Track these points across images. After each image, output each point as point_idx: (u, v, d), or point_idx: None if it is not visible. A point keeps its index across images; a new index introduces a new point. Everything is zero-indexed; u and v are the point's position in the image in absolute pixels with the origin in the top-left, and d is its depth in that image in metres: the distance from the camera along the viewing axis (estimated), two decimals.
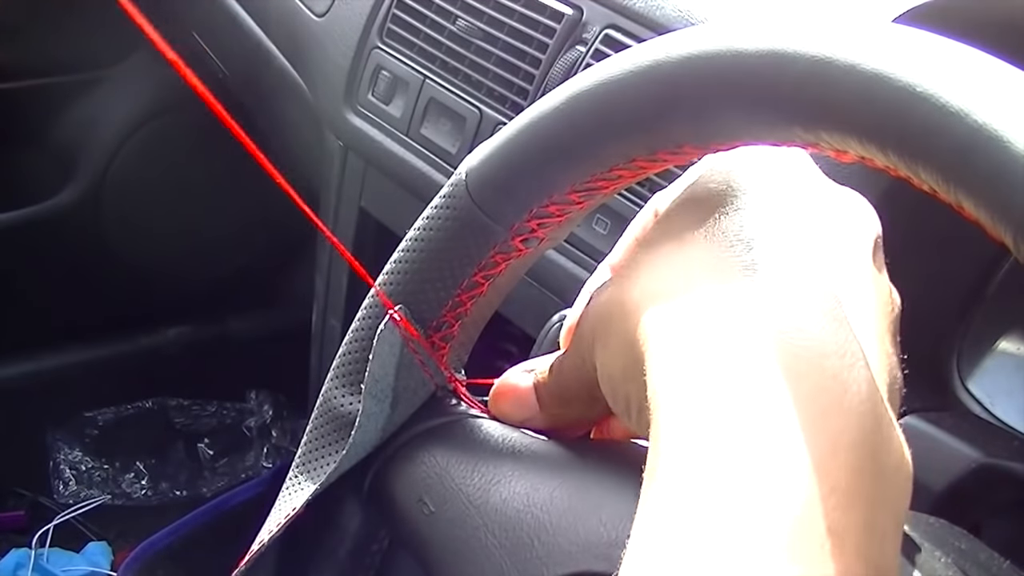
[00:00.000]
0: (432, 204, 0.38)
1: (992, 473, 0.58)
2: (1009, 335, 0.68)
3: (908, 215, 0.64)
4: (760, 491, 0.25)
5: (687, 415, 0.27)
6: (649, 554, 0.25)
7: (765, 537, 0.24)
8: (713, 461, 0.26)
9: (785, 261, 0.30)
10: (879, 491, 0.27)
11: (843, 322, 0.29)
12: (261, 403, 1.64)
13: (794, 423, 0.26)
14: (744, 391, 0.27)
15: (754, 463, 0.26)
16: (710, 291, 0.30)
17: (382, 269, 0.39)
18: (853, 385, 0.27)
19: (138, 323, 1.59)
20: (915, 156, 0.27)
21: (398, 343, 0.38)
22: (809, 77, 0.29)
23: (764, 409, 0.26)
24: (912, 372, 0.35)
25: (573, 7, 0.87)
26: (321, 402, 0.40)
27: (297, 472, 0.39)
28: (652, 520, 0.26)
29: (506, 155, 0.36)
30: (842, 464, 0.26)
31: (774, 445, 0.26)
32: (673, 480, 0.26)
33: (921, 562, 0.31)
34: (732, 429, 0.26)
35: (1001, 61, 0.27)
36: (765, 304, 0.29)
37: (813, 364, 0.27)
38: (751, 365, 0.27)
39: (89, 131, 1.50)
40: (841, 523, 0.25)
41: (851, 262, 0.34)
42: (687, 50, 0.31)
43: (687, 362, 0.28)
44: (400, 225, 1.05)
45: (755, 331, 0.28)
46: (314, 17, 1.12)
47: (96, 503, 1.52)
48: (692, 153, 0.34)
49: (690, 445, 0.27)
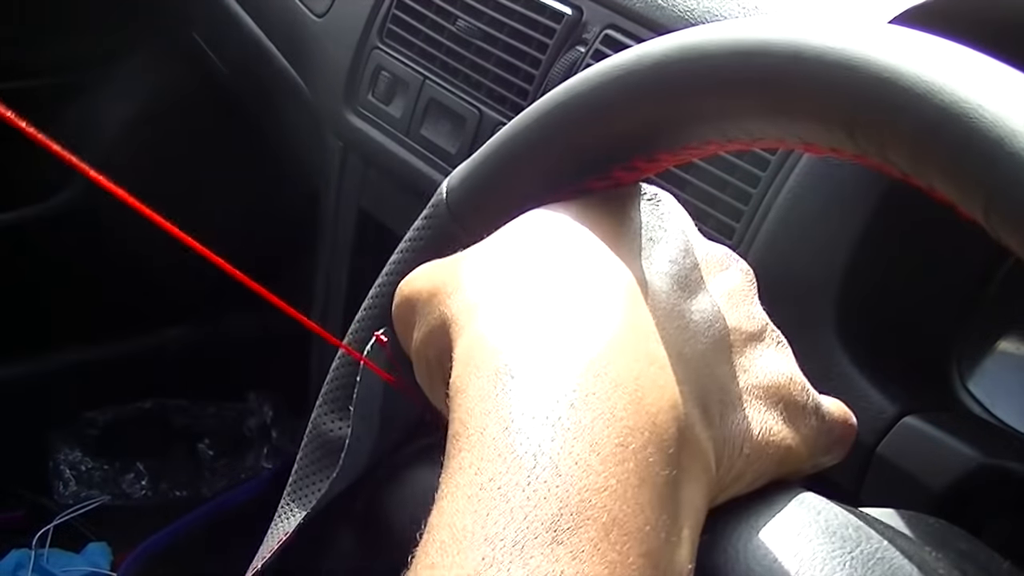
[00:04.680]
0: (415, 225, 0.38)
1: (992, 473, 0.58)
2: (1009, 335, 0.68)
3: (908, 216, 0.64)
4: (540, 481, 0.25)
5: (480, 399, 0.28)
6: (433, 536, 0.26)
7: (534, 526, 0.25)
8: (500, 455, 0.26)
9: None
10: (665, 491, 0.27)
11: (648, 336, 0.30)
12: (261, 403, 1.64)
13: (584, 419, 0.27)
14: (539, 389, 0.27)
15: (538, 457, 0.26)
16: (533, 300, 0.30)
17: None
18: (652, 392, 0.28)
19: (137, 323, 1.58)
20: (883, 139, 0.27)
21: (385, 365, 0.38)
22: (774, 67, 0.29)
23: (555, 402, 0.27)
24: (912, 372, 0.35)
25: (573, 7, 0.87)
26: (311, 428, 0.40)
27: (288, 499, 0.40)
28: (442, 505, 0.26)
29: (483, 171, 0.36)
30: (630, 459, 0.26)
31: (561, 437, 0.26)
32: (465, 469, 0.27)
33: (921, 563, 0.31)
34: (523, 424, 0.27)
35: (963, 46, 0.27)
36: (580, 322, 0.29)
37: (611, 369, 0.28)
38: (550, 368, 0.28)
39: (88, 131, 1.50)
40: (618, 516, 0.25)
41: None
42: (654, 56, 0.31)
43: (491, 359, 0.29)
44: (400, 225, 1.05)
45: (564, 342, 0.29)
46: (314, 17, 1.12)
47: (96, 503, 1.51)
48: (668, 161, 0.34)
49: (482, 428, 0.27)
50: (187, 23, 1.44)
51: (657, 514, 0.26)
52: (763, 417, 0.33)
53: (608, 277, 0.31)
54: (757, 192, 0.71)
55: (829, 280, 0.66)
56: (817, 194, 0.68)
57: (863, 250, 0.66)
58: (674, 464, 0.28)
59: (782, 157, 0.70)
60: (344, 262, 1.17)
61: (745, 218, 0.71)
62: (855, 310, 0.66)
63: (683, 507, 0.28)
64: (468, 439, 0.27)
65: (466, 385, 0.28)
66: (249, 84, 1.38)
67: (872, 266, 0.67)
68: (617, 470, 0.26)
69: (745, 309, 0.35)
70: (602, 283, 0.31)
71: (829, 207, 0.68)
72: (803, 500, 0.33)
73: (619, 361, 0.28)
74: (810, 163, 0.69)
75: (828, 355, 0.65)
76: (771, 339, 0.35)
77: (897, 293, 0.68)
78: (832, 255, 0.67)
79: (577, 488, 0.25)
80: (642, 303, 0.31)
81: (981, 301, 0.68)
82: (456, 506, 0.26)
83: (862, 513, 0.34)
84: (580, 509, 0.25)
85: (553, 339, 0.29)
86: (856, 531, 0.32)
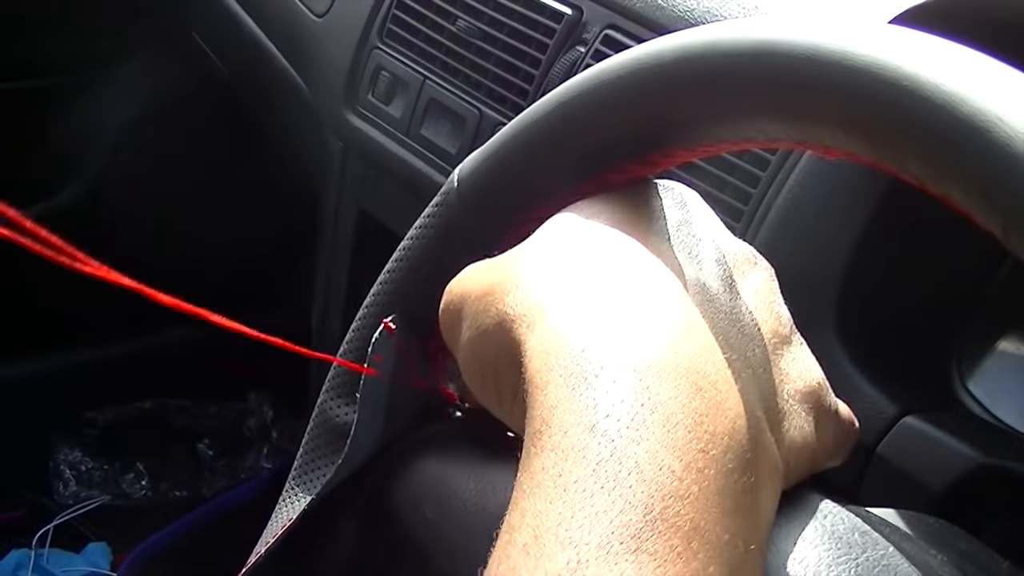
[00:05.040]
0: (424, 213, 0.38)
1: (992, 473, 0.58)
2: (1009, 335, 0.68)
3: (908, 216, 0.64)
4: (625, 486, 0.25)
5: (566, 402, 0.27)
6: (514, 537, 0.25)
7: (619, 531, 0.24)
8: (584, 459, 0.26)
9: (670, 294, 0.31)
10: (744, 499, 0.27)
11: (715, 345, 0.29)
12: (261, 403, 1.64)
13: (668, 423, 0.26)
14: (621, 389, 0.27)
15: (622, 460, 0.26)
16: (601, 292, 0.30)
17: (382, 269, 0.39)
18: (731, 396, 0.28)
19: (138, 323, 1.58)
20: (903, 148, 0.27)
21: (392, 352, 0.38)
22: (794, 70, 0.29)
23: (639, 405, 0.27)
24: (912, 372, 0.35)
25: (573, 7, 0.87)
26: (317, 413, 0.40)
27: (293, 484, 0.39)
28: (523, 505, 0.26)
29: (495, 163, 0.36)
30: (711, 466, 0.26)
31: (645, 440, 0.26)
32: (548, 469, 0.26)
33: (927, 569, 0.31)
34: (605, 426, 0.26)
35: (981, 54, 0.27)
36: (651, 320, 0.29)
37: (691, 371, 0.28)
38: (631, 368, 0.27)
39: (89, 131, 1.50)
40: (700, 525, 0.25)
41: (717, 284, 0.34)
42: (668, 52, 0.31)
43: (570, 352, 0.28)
44: (400, 225, 1.05)
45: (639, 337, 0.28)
46: (314, 17, 1.12)
47: (96, 503, 1.51)
48: (683, 156, 0.34)
49: (567, 435, 0.27)
50: (187, 24, 1.44)
51: (737, 522, 0.26)
52: (803, 422, 0.33)
53: (668, 282, 0.31)
54: (757, 192, 0.71)
55: (829, 280, 0.66)
56: (817, 194, 0.68)
57: (863, 250, 0.66)
58: (752, 471, 0.28)
59: (782, 157, 0.70)
60: (344, 262, 1.17)
61: (745, 218, 0.71)
62: (855, 310, 0.66)
63: (759, 514, 0.28)
64: (551, 439, 0.27)
65: (546, 383, 0.28)
66: (249, 84, 1.38)
67: (872, 266, 0.66)
68: (699, 476, 0.26)
69: (776, 310, 0.35)
70: (664, 288, 0.30)
71: (829, 207, 0.68)
72: (809, 504, 0.33)
73: (699, 365, 0.28)
74: (810, 163, 0.69)
75: (828, 355, 0.65)
76: (798, 340, 0.35)
77: (897, 293, 0.68)
78: (832, 255, 0.67)
79: (661, 495, 0.25)
80: (703, 306, 0.31)
81: (981, 301, 0.68)
82: (539, 507, 0.25)
83: (867, 514, 0.34)
84: (664, 516, 0.25)
85: (632, 339, 0.28)
86: (862, 536, 0.32)
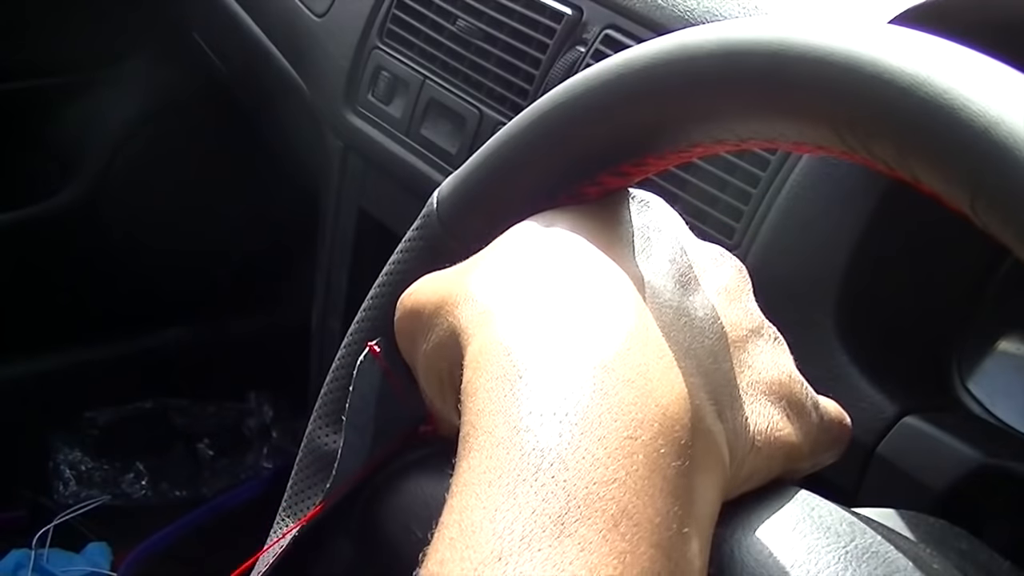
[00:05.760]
0: (406, 236, 0.38)
1: (993, 473, 0.58)
2: (1009, 335, 0.68)
3: (908, 216, 0.64)
4: (547, 476, 0.26)
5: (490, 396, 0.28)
6: (443, 533, 0.26)
7: (542, 519, 0.25)
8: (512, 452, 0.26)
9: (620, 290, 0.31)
10: (678, 483, 0.27)
11: (653, 339, 0.30)
12: (261, 403, 1.64)
13: (590, 414, 0.27)
14: (545, 387, 0.28)
15: (545, 453, 0.26)
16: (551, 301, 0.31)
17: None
18: (662, 385, 0.28)
19: (138, 323, 1.58)
20: (868, 134, 0.27)
21: (377, 375, 0.38)
22: (757, 66, 0.29)
23: (562, 399, 0.27)
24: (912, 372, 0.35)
25: (573, 7, 0.87)
26: (306, 442, 0.40)
27: (284, 515, 0.39)
28: (452, 503, 0.27)
29: (472, 183, 0.36)
30: (640, 451, 0.26)
31: (568, 432, 0.26)
32: (474, 468, 0.27)
33: (915, 557, 0.32)
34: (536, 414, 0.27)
35: (946, 40, 0.27)
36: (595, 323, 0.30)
37: (620, 364, 0.28)
38: (556, 366, 0.28)
39: (89, 131, 1.50)
40: (628, 508, 0.25)
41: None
42: (638, 61, 0.32)
43: (503, 361, 0.29)
44: (400, 225, 1.05)
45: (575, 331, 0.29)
46: (314, 17, 1.12)
47: (96, 503, 1.51)
48: (656, 164, 0.34)
49: (496, 414, 0.27)
50: (187, 24, 1.44)
51: (668, 505, 0.26)
52: (769, 412, 0.33)
53: (611, 279, 0.31)
54: (757, 192, 0.71)
55: (829, 280, 0.66)
56: (817, 194, 0.68)
57: (863, 250, 0.66)
58: (686, 455, 0.28)
59: (782, 157, 0.70)
60: (344, 262, 1.17)
61: (745, 218, 0.71)
62: (855, 310, 0.66)
63: (696, 499, 0.28)
64: (477, 440, 0.27)
65: (476, 388, 0.29)
66: (249, 84, 1.38)
67: (872, 266, 0.67)
68: (626, 462, 0.26)
69: (742, 305, 0.35)
70: (606, 285, 0.31)
71: (829, 207, 0.68)
72: (797, 497, 0.33)
73: (628, 358, 0.29)
74: (810, 163, 0.69)
75: (828, 355, 0.65)
76: (769, 335, 0.36)
77: (897, 293, 0.68)
78: (832, 255, 0.67)
79: (585, 481, 0.25)
80: (646, 302, 0.32)
81: (981, 301, 0.68)
82: (465, 503, 0.26)
83: (856, 512, 0.34)
84: (588, 501, 0.25)
85: (562, 340, 0.29)
86: (850, 526, 0.32)
